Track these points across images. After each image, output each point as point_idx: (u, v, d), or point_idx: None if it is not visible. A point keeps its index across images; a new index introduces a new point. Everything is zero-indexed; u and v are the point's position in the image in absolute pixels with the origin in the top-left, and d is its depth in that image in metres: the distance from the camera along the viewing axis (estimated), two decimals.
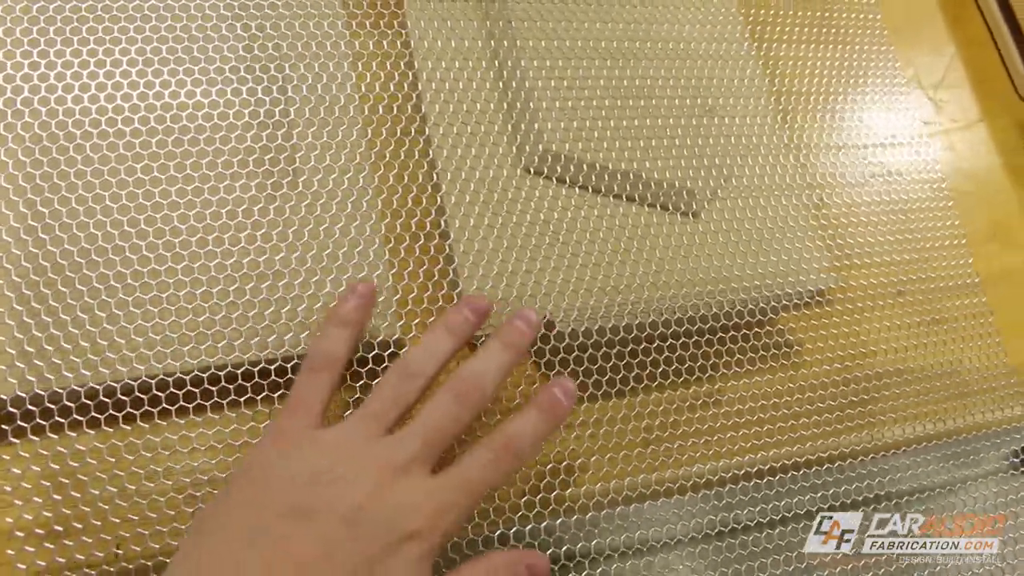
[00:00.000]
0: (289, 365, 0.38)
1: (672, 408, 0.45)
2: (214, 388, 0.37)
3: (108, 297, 0.37)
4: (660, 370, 0.44)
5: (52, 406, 0.35)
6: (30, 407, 0.35)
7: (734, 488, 0.44)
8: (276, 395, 0.38)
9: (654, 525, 0.42)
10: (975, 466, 0.49)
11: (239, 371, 0.38)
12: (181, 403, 0.37)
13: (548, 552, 0.39)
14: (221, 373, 0.37)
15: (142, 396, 0.36)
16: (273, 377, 0.38)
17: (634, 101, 0.49)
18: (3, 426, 0.34)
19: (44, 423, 0.35)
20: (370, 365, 0.40)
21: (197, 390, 0.37)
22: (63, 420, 0.35)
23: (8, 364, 0.35)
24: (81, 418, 0.35)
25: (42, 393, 0.35)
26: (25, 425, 0.35)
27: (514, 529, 0.39)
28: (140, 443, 0.36)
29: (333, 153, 0.43)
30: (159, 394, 0.36)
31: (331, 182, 0.42)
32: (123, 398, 0.36)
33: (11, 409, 0.35)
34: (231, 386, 0.38)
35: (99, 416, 0.36)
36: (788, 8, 0.58)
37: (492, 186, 0.45)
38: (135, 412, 0.36)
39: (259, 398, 0.38)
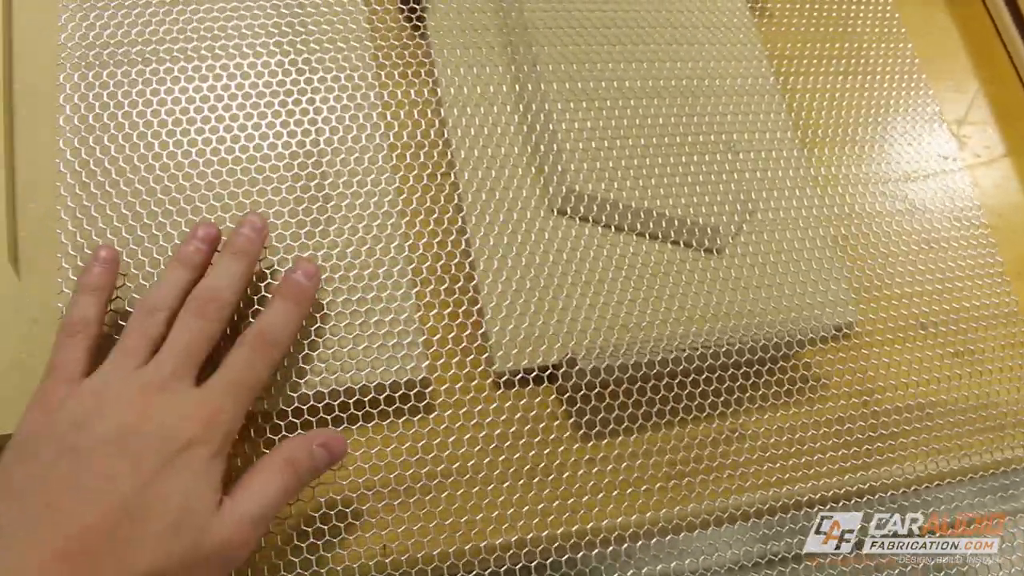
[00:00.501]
0: (322, 402, 0.41)
1: (695, 443, 0.45)
2: (247, 426, 0.39)
3: None
4: (683, 405, 0.45)
5: None
6: None
7: (771, 520, 0.44)
8: (307, 421, 0.40)
9: (690, 556, 0.42)
10: (1013, 500, 0.48)
11: (270, 413, 0.40)
12: None
13: None
14: (255, 412, 0.40)
15: None
16: (305, 413, 0.40)
17: (657, 140, 0.50)
18: None
19: None
20: (396, 404, 0.41)
21: None
22: None
23: None
24: None
25: None
26: None
27: (534, 562, 0.40)
28: None
29: (363, 201, 0.45)
30: None
31: (361, 229, 0.44)
32: None
33: None
34: (267, 425, 0.40)
35: None
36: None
37: (517, 227, 0.46)
38: None
39: (300, 423, 0.40)
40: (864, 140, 0.57)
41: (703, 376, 0.45)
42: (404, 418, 0.42)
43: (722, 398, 0.46)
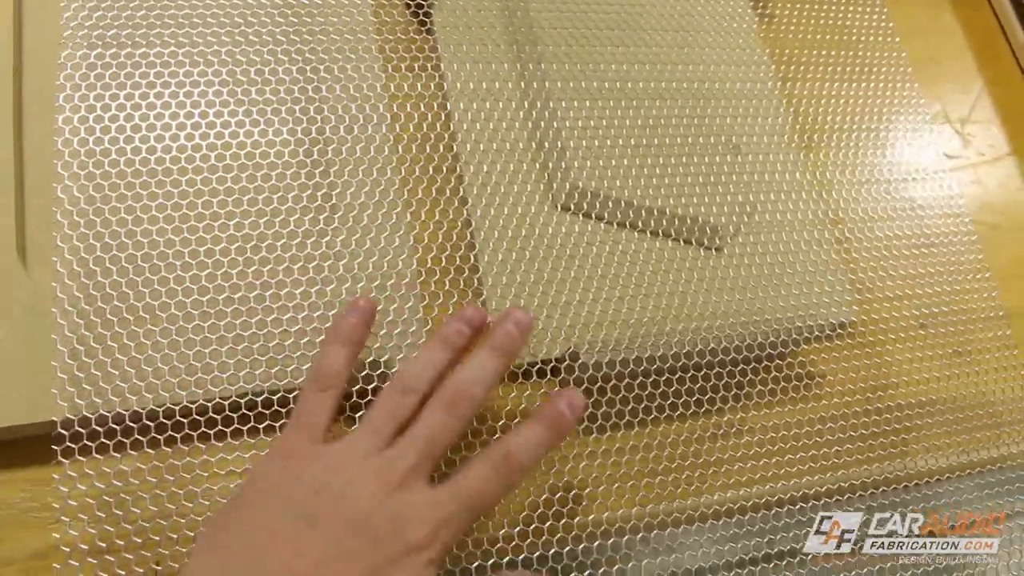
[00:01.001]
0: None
1: (694, 437, 0.45)
2: (251, 413, 0.39)
3: (153, 326, 0.39)
4: (683, 400, 0.45)
5: (99, 428, 0.37)
6: (79, 429, 0.37)
7: (767, 514, 0.45)
8: None
9: (688, 549, 0.43)
10: (1010, 496, 0.49)
11: (275, 397, 0.40)
12: (219, 427, 0.38)
13: None
14: (259, 399, 0.39)
15: (183, 420, 0.38)
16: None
17: (659, 139, 0.50)
18: (53, 446, 0.36)
19: (91, 444, 0.37)
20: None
21: (235, 415, 0.39)
22: (108, 442, 0.37)
23: (59, 388, 0.37)
24: (126, 440, 0.37)
25: (90, 416, 0.37)
26: (73, 446, 0.36)
27: (536, 553, 0.40)
28: (180, 465, 0.38)
29: (368, 190, 0.45)
30: (199, 419, 0.38)
31: (366, 218, 0.44)
32: (165, 422, 0.38)
33: (61, 431, 0.37)
34: (267, 411, 0.39)
35: (142, 439, 0.37)
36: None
37: (521, 222, 0.46)
38: (176, 436, 0.38)
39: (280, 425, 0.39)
40: (862, 143, 0.58)
41: (703, 372, 0.46)
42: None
43: (720, 394, 0.46)
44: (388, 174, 0.45)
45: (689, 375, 0.45)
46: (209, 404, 0.39)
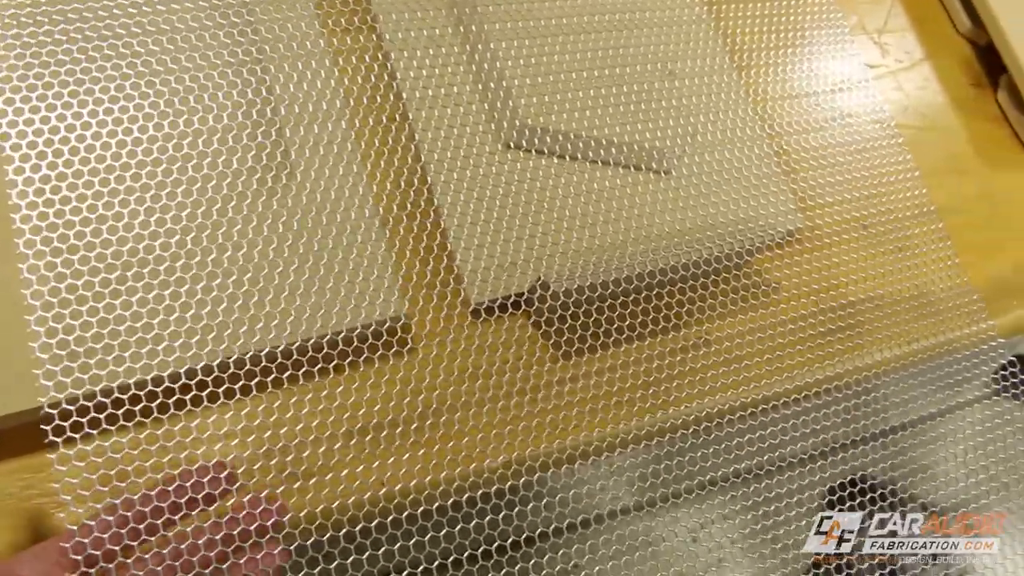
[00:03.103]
0: (306, 351, 0.41)
1: (666, 351, 0.47)
2: (238, 375, 0.39)
3: (129, 297, 0.39)
4: (651, 317, 0.47)
5: (88, 404, 0.37)
6: (66, 406, 0.37)
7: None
8: (297, 362, 0.41)
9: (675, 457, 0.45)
10: (959, 395, 0.52)
11: (260, 358, 0.40)
12: (209, 392, 0.38)
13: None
14: (244, 360, 0.40)
15: (172, 388, 0.38)
16: (283, 362, 0.40)
17: (599, 71, 0.52)
18: (42, 426, 0.36)
19: (82, 421, 0.36)
20: (378, 344, 0.42)
21: (225, 378, 0.39)
22: (100, 415, 0.37)
23: (42, 370, 0.37)
24: (117, 412, 0.37)
25: (77, 392, 0.37)
26: (64, 424, 0.36)
27: (522, 480, 0.42)
28: (177, 431, 0.38)
29: (325, 145, 0.45)
30: (189, 384, 0.38)
31: (326, 172, 0.44)
32: (138, 394, 0.38)
33: (48, 410, 0.36)
34: (242, 373, 0.39)
35: (133, 409, 0.37)
36: None
37: (476, 163, 0.47)
38: (168, 403, 0.38)
39: (270, 381, 0.40)
40: (789, 59, 0.60)
41: (666, 289, 0.48)
42: (388, 355, 0.42)
43: (685, 308, 0.48)
44: (342, 128, 0.46)
45: (654, 293, 0.47)
46: (197, 370, 0.39)
